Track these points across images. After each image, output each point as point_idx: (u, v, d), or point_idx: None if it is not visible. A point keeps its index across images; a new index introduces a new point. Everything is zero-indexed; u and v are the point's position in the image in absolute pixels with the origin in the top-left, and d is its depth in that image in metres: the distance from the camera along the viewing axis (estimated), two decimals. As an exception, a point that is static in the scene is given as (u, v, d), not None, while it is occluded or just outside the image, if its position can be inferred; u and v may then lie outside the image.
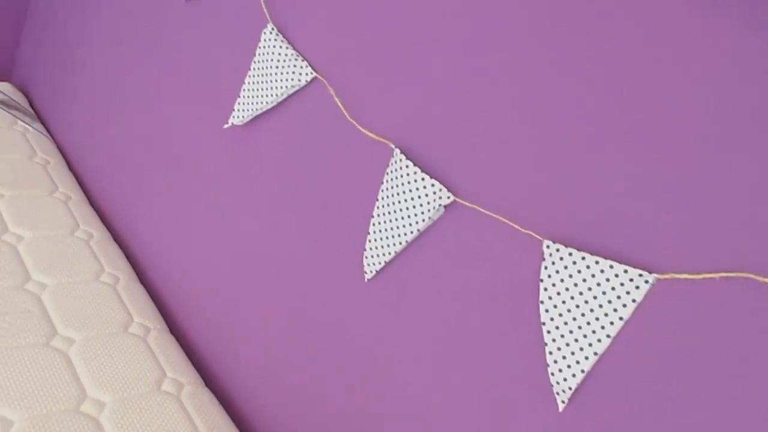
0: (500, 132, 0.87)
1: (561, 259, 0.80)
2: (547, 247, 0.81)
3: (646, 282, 0.74)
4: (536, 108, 0.83)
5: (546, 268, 0.81)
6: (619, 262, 0.77)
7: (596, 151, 0.78)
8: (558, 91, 0.81)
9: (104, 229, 1.56)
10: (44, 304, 1.24)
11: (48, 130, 1.89)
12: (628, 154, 0.76)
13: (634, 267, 0.76)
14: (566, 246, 0.80)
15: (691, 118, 0.71)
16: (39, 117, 1.94)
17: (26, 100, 1.96)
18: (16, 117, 1.80)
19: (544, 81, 0.82)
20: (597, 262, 0.77)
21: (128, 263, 1.49)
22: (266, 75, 1.15)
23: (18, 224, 1.40)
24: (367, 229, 1.03)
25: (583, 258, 0.79)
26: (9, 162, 1.59)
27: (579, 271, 0.79)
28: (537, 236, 0.83)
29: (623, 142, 0.76)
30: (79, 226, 1.50)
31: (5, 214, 1.42)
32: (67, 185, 1.63)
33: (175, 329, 1.42)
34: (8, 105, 1.85)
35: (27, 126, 1.79)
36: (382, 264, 1.00)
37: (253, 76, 1.18)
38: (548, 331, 0.82)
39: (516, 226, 0.84)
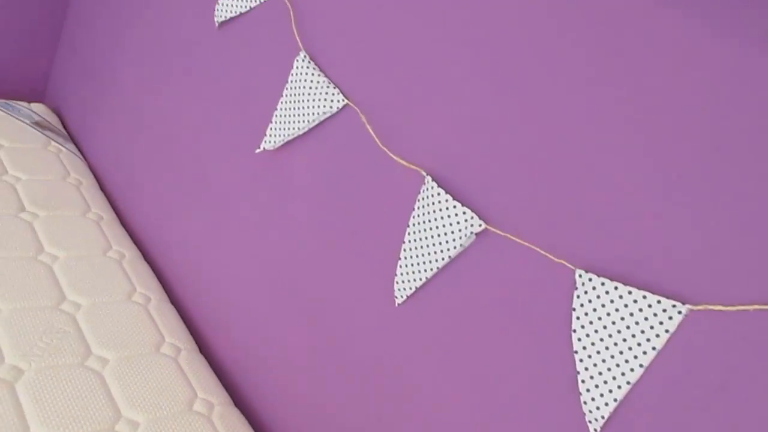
0: (532, 160, 0.88)
1: (593, 288, 0.81)
2: (580, 276, 0.82)
3: (680, 312, 0.75)
4: (570, 137, 0.84)
5: (578, 297, 0.82)
6: (652, 293, 0.77)
7: (629, 182, 0.79)
8: (592, 121, 0.82)
9: (135, 248, 1.59)
10: (79, 324, 1.26)
11: (80, 151, 1.93)
12: (661, 184, 0.77)
13: (667, 297, 0.76)
14: (599, 276, 0.81)
15: (726, 150, 0.72)
16: (71, 137, 1.98)
17: (59, 121, 2.01)
18: (49, 138, 1.85)
19: (578, 111, 0.83)
20: (630, 292, 0.78)
21: (159, 283, 1.51)
22: (298, 101, 1.18)
23: (53, 244, 1.43)
24: (398, 255, 1.04)
25: (616, 288, 0.79)
26: (44, 183, 1.63)
27: (612, 301, 0.80)
28: (569, 265, 0.84)
29: (657, 173, 0.77)
30: (111, 246, 1.53)
31: (41, 235, 1.45)
32: (99, 205, 1.67)
33: (204, 348, 1.44)
34: (42, 126, 1.89)
35: (60, 147, 1.83)
36: (413, 289, 1.01)
37: (286, 102, 1.20)
38: (581, 360, 0.82)
39: (548, 255, 0.85)
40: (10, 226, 1.42)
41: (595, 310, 0.81)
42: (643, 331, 0.78)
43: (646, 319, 0.77)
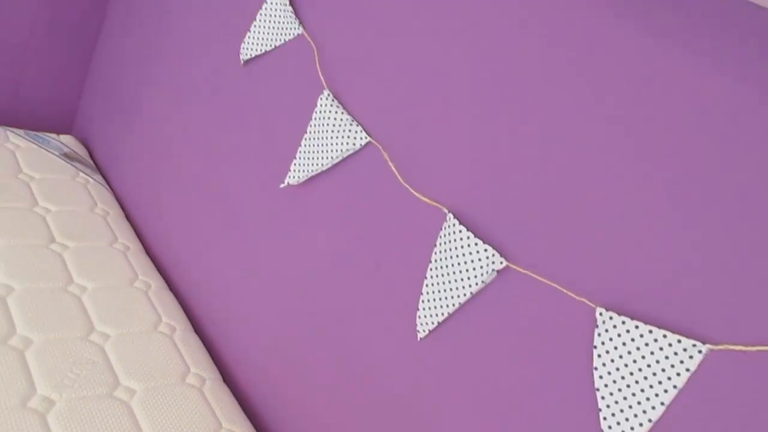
0: (554, 198, 0.90)
1: (614, 326, 0.83)
2: (600, 314, 0.84)
3: (700, 352, 0.76)
4: (591, 176, 0.86)
5: (599, 335, 0.84)
6: (673, 332, 0.79)
7: (650, 220, 0.81)
8: (614, 160, 0.84)
9: (161, 278, 1.62)
10: (107, 354, 1.29)
11: (107, 181, 1.98)
12: (683, 224, 0.78)
13: (688, 337, 0.78)
14: (619, 314, 0.83)
15: (750, 191, 0.73)
16: (98, 168, 2.04)
17: (86, 152, 2.06)
18: (78, 169, 1.90)
19: (600, 151, 0.85)
20: (650, 331, 0.80)
21: (183, 312, 1.54)
22: (322, 138, 1.21)
23: (82, 275, 1.47)
24: (420, 290, 1.06)
25: (637, 326, 0.81)
26: (73, 213, 1.67)
27: (632, 339, 0.81)
28: (590, 303, 0.85)
29: (677, 212, 0.79)
30: (137, 276, 1.56)
31: (70, 266, 1.49)
32: (125, 236, 1.71)
33: (228, 378, 1.47)
34: (71, 158, 1.94)
35: (88, 178, 1.88)
36: (435, 324, 1.03)
37: (310, 138, 1.23)
38: (602, 397, 0.84)
39: (569, 293, 0.87)
40: (41, 257, 1.46)
41: (616, 348, 0.82)
42: (663, 370, 0.79)
43: (666, 357, 0.79)
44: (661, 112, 0.80)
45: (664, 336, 0.78)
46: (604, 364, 0.83)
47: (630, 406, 0.81)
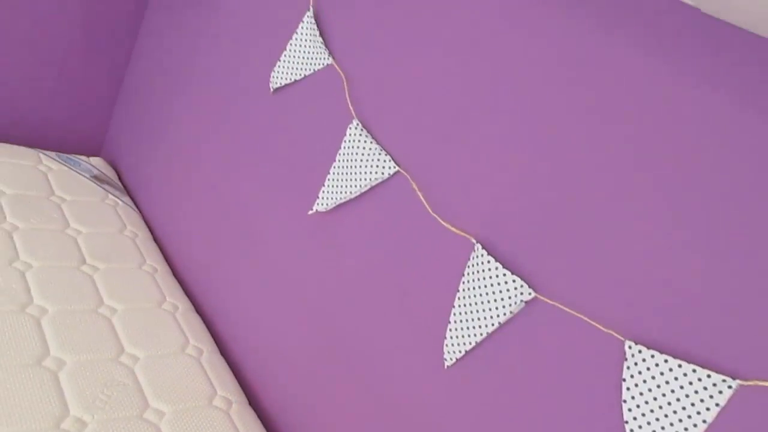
0: (583, 230, 0.91)
1: (643, 360, 0.83)
2: (629, 347, 0.85)
3: (730, 387, 0.77)
4: (620, 208, 0.88)
5: (628, 368, 0.85)
6: (702, 367, 0.79)
7: (680, 255, 0.82)
8: (643, 193, 0.85)
9: (187, 300, 1.65)
10: (137, 376, 1.32)
11: (134, 203, 2.02)
12: (713, 257, 0.79)
13: (718, 372, 0.78)
14: (648, 347, 0.84)
15: (772, 233, 0.74)
16: (126, 190, 2.08)
17: (115, 174, 2.10)
18: (107, 191, 1.94)
19: (629, 183, 0.87)
20: (680, 366, 0.80)
21: (209, 334, 1.57)
22: (351, 167, 1.23)
23: (112, 297, 1.50)
24: (447, 318, 1.07)
25: (666, 360, 0.82)
26: (103, 236, 1.71)
27: (662, 373, 0.82)
28: (618, 336, 0.86)
29: (709, 246, 0.80)
30: (165, 298, 1.59)
31: (101, 287, 1.52)
32: (153, 258, 1.74)
33: (253, 400, 1.48)
34: (101, 180, 1.99)
35: (117, 200, 1.92)
36: (462, 353, 1.04)
37: (338, 167, 1.26)
38: (631, 430, 0.84)
39: (597, 325, 0.88)
40: (72, 279, 1.49)
41: (645, 381, 0.83)
42: (693, 404, 0.79)
43: (696, 392, 0.79)
44: (697, 146, 0.81)
45: (694, 371, 0.79)
46: (633, 397, 0.84)
47: (659, 440, 0.82)
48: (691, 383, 0.80)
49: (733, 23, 0.77)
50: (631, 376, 0.84)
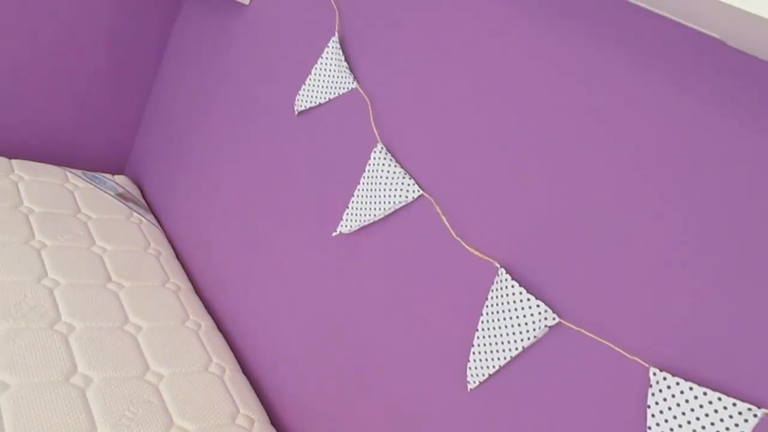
0: (608, 256, 0.92)
1: (668, 387, 0.84)
2: (654, 374, 0.85)
3: (755, 416, 0.77)
4: (645, 234, 0.89)
5: (653, 395, 0.85)
6: (728, 395, 0.80)
7: (705, 281, 0.83)
8: (668, 220, 0.87)
9: (210, 318, 1.67)
10: (162, 394, 1.33)
11: (158, 220, 2.05)
12: (739, 284, 0.80)
13: (743, 400, 0.79)
14: (673, 375, 0.84)
15: (798, 263, 0.75)
16: (150, 207, 2.11)
17: (139, 192, 2.14)
18: (131, 209, 1.97)
19: (650, 211, 0.88)
20: (705, 393, 0.81)
21: (232, 353, 1.58)
22: (375, 190, 1.25)
23: (137, 315, 1.53)
24: (470, 341, 1.09)
25: (691, 388, 0.82)
26: (128, 253, 1.74)
27: (687, 401, 0.82)
28: (643, 363, 0.87)
29: (733, 273, 0.80)
30: (189, 316, 1.61)
31: (126, 305, 1.54)
32: (176, 275, 1.76)
33: (274, 419, 1.50)
34: (125, 198, 2.02)
35: (141, 217, 1.95)
36: (486, 376, 1.05)
37: (363, 189, 1.28)
38: (656, 457, 0.85)
39: (622, 352, 0.89)
40: (98, 296, 1.52)
41: (670, 408, 0.84)
42: (718, 432, 0.80)
43: (721, 420, 0.80)
44: (732, 173, 0.82)
45: (719, 399, 0.80)
46: (657, 424, 0.85)
47: (684, 468, 0.82)
48: (716, 411, 0.80)
49: (753, 54, 0.79)
50: (656, 404, 0.85)
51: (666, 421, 0.84)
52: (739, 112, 0.81)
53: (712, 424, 0.80)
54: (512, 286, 1.01)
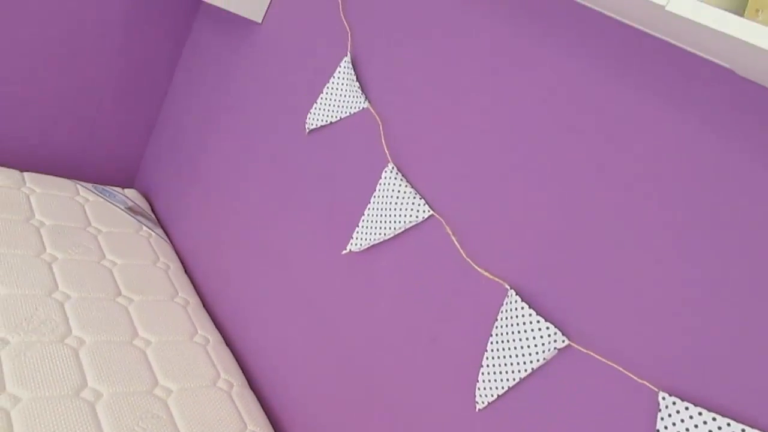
0: (617, 278, 0.93)
1: (677, 412, 0.85)
2: (663, 398, 0.86)
3: (764, 442, 0.78)
4: (654, 258, 0.90)
5: (662, 419, 0.86)
6: (737, 421, 0.80)
7: (716, 306, 0.84)
8: (677, 246, 0.87)
9: (218, 333, 1.68)
10: (170, 409, 1.34)
11: (166, 234, 2.06)
12: (752, 311, 0.81)
13: (752, 426, 0.79)
14: (682, 399, 0.85)
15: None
16: (159, 221, 2.13)
17: (148, 205, 2.16)
18: (141, 223, 1.99)
19: (661, 235, 0.89)
20: (714, 419, 0.81)
21: (239, 368, 1.59)
22: (385, 209, 1.26)
23: (146, 329, 1.54)
24: (478, 362, 1.09)
25: (700, 413, 0.83)
26: (137, 267, 1.75)
27: (696, 426, 0.83)
28: (652, 387, 0.88)
29: (745, 300, 0.81)
30: (197, 331, 1.62)
31: (135, 319, 1.56)
32: (185, 290, 1.77)
33: (280, 436, 1.50)
34: (134, 211, 2.04)
35: (150, 231, 1.97)
36: (494, 397, 1.05)
37: (373, 209, 1.29)
38: (664, 482, 0.85)
39: (631, 375, 0.90)
40: (108, 310, 1.53)
41: (678, 433, 0.84)
42: (727, 458, 0.80)
43: (730, 446, 0.80)
44: (748, 202, 0.84)
45: (728, 424, 0.80)
46: (666, 449, 0.85)
47: (693, 492, 0.83)
48: (725, 437, 0.81)
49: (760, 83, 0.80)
50: (665, 428, 0.85)
51: (675, 445, 0.84)
52: (750, 139, 0.82)
53: (721, 449, 0.81)
54: (522, 308, 1.02)
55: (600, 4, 0.93)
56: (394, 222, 1.25)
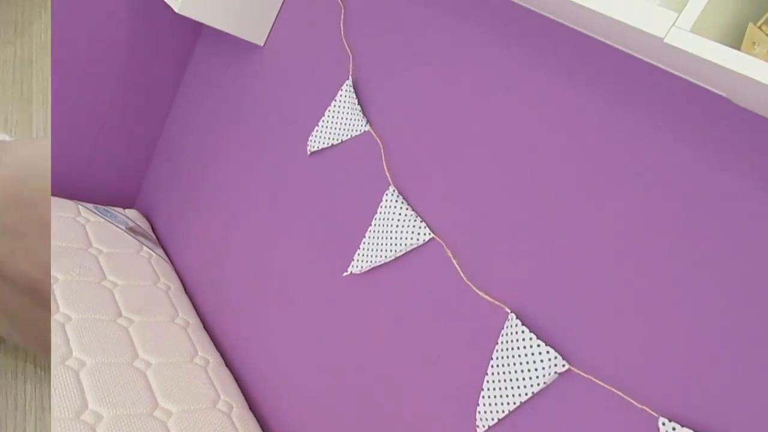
0: (618, 303, 0.94)
1: (678, 437, 0.85)
2: (663, 424, 0.86)
3: (765, 468, 0.78)
4: (656, 283, 0.90)
5: (663, 445, 0.86)
6: (737, 447, 0.81)
7: (716, 333, 0.84)
8: (677, 272, 0.88)
9: (218, 354, 1.68)
10: (170, 431, 1.34)
11: (166, 254, 2.07)
12: (751, 338, 0.81)
13: (752, 452, 0.80)
14: (682, 425, 0.85)
15: (805, 318, 0.77)
16: (159, 241, 2.13)
17: (149, 225, 2.16)
18: (142, 243, 1.99)
19: (662, 261, 0.90)
20: (714, 445, 0.82)
21: (239, 389, 1.59)
22: (386, 232, 1.27)
23: (146, 350, 1.54)
24: (479, 385, 1.10)
25: (700, 439, 0.83)
26: (138, 288, 1.76)
27: (696, 452, 0.83)
28: (652, 412, 0.88)
29: (745, 326, 0.82)
30: (197, 352, 1.62)
31: (135, 340, 1.56)
32: (185, 311, 1.78)
33: (280, 458, 1.50)
34: (136, 232, 2.05)
35: (151, 252, 1.98)
36: (495, 420, 1.06)
37: (374, 231, 1.30)
38: (665, 508, 0.85)
39: (631, 400, 0.90)
40: (109, 332, 1.53)
41: (679, 459, 0.84)
42: (728, 484, 0.80)
43: (731, 472, 0.80)
44: (745, 231, 0.85)
45: (729, 450, 0.81)
46: (667, 474, 0.85)
47: None
48: (726, 463, 0.81)
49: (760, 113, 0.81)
50: (666, 453, 0.86)
51: (676, 471, 0.85)
52: (747, 166, 0.84)
53: (722, 475, 0.81)
54: (522, 332, 1.03)
55: (601, 33, 0.95)
56: (395, 245, 1.25)
